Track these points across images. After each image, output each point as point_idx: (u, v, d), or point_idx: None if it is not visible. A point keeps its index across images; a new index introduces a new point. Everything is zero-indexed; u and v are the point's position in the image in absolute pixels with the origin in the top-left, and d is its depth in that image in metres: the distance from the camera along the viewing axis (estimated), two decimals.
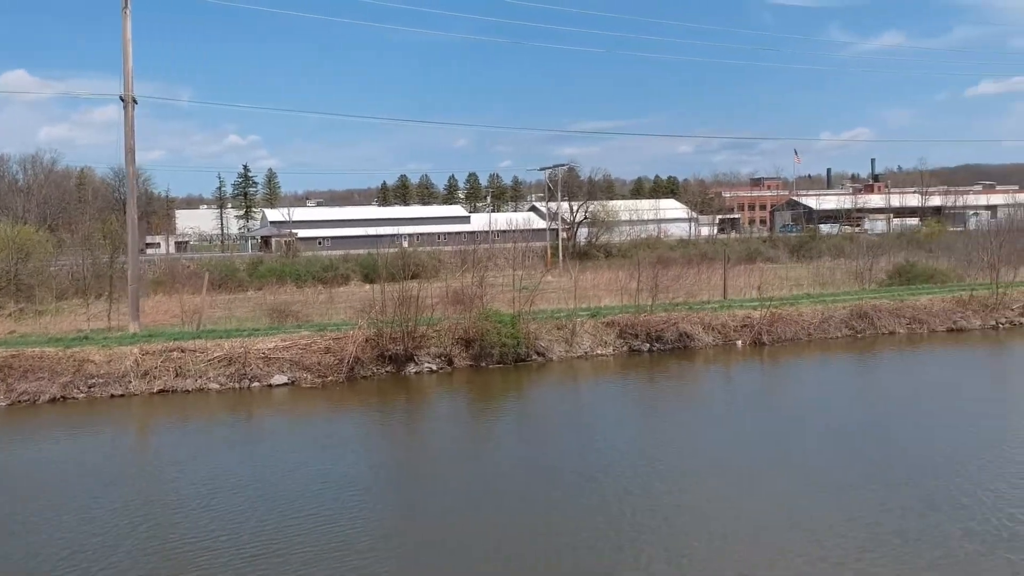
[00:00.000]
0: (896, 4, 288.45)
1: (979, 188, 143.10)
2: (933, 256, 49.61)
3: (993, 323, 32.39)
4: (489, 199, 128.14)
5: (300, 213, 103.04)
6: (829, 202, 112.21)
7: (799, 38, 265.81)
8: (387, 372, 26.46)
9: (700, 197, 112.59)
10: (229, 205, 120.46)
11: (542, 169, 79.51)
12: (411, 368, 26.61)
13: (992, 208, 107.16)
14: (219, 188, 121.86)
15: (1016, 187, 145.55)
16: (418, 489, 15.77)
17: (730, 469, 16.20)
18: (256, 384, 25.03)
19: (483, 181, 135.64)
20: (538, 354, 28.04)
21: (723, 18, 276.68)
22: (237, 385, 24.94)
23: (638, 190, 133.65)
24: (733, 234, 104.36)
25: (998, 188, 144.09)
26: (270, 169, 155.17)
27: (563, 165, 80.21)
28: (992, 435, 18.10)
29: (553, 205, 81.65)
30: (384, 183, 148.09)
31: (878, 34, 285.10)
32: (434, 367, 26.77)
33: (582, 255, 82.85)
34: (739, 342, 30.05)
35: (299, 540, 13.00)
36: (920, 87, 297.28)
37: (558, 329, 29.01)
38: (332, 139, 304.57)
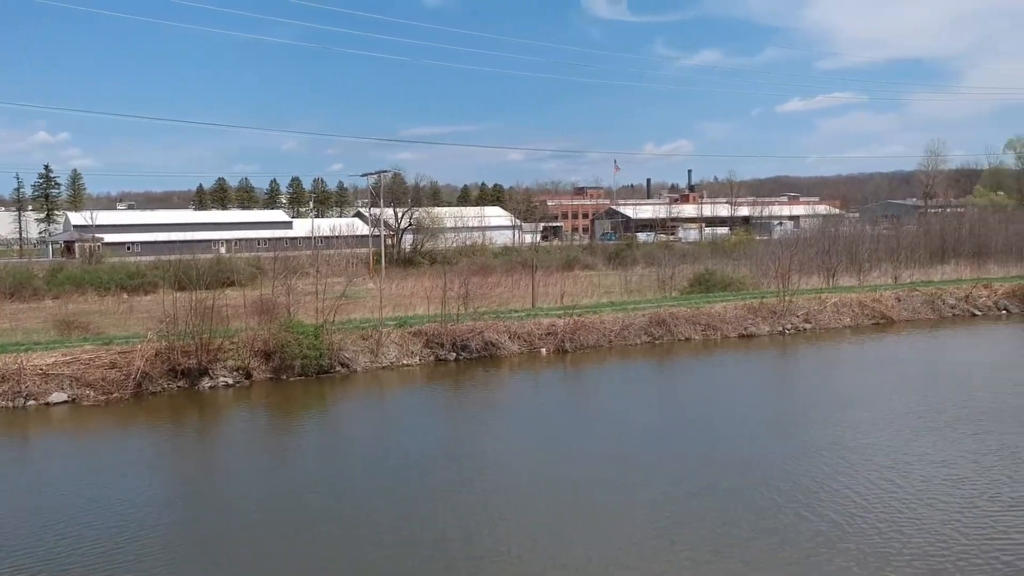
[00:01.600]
0: (714, 24, 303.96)
1: (784, 199, 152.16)
2: (739, 264, 52.28)
3: (780, 329, 34.39)
4: (312, 204, 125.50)
5: (107, 217, 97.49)
6: (646, 211, 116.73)
7: (628, 55, 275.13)
8: (179, 387, 25.31)
9: (524, 205, 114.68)
10: (30, 207, 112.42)
11: (364, 175, 78.54)
12: (206, 383, 25.55)
13: (795, 219, 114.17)
14: (17, 189, 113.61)
15: (817, 199, 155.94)
16: (212, 509, 15.14)
17: (532, 474, 16.49)
18: (32, 402, 23.37)
19: (310, 185, 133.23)
20: (342, 365, 27.56)
21: (554, 32, 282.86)
22: (11, 404, 23.21)
23: (464, 197, 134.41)
24: (556, 242, 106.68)
25: (801, 200, 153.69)
26: (75, 169, 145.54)
27: (387, 171, 79.55)
28: (782, 436, 19.20)
29: (377, 211, 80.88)
30: (200, 186, 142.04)
31: (698, 51, 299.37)
32: (230, 381, 25.82)
33: (407, 262, 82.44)
34: (543, 350, 30.61)
35: (88, 568, 12.25)
36: (736, 103, 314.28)
37: (363, 339, 28.63)
38: (157, 139, 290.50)
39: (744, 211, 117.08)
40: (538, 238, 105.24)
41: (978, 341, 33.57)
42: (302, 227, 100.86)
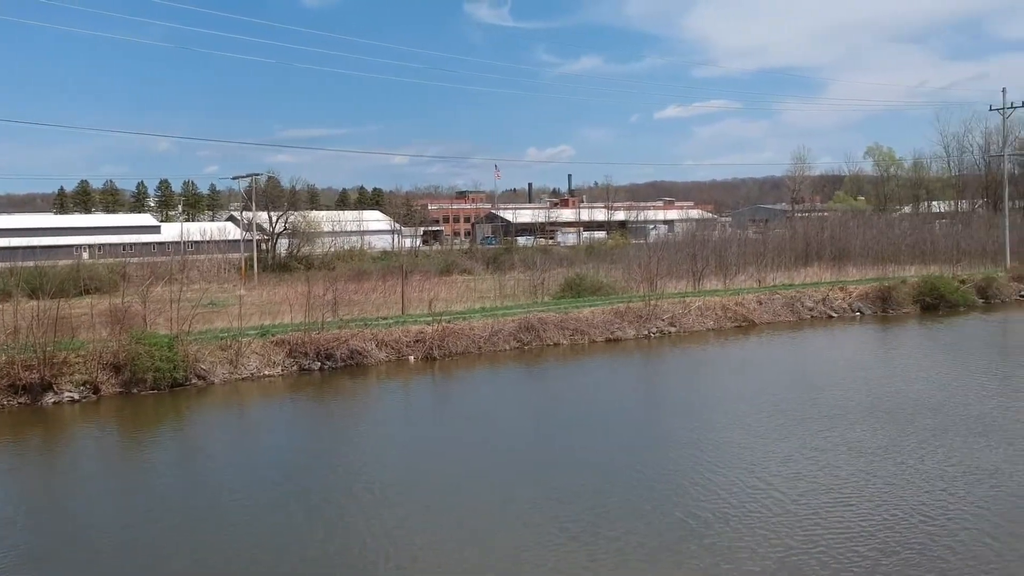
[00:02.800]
0: (594, 31, 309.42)
1: (660, 204, 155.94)
2: (614, 268, 53.08)
3: (646, 332, 35.00)
4: (181, 208, 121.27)
5: None
6: (525, 216, 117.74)
7: (511, 61, 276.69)
8: (20, 404, 23.88)
9: (404, 209, 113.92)
10: None
11: (235, 178, 76.37)
12: (49, 398, 24.17)
13: (669, 223, 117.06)
14: None
15: (692, 203, 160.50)
16: (55, 535, 14.17)
17: (403, 483, 16.18)
18: None
19: (180, 188, 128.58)
20: (199, 377, 26.54)
21: (437, 36, 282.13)
22: None
23: (343, 201, 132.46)
24: (436, 246, 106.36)
25: (676, 204, 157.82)
26: None
27: (259, 174, 77.54)
28: (647, 436, 19.44)
29: (249, 215, 78.73)
30: (62, 188, 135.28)
31: (579, 57, 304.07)
32: (76, 396, 24.49)
33: (282, 267, 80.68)
34: (411, 357, 30.26)
35: None
36: (616, 109, 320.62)
37: (222, 350, 27.66)
38: (20, 139, 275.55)
39: (621, 215, 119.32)
40: (419, 242, 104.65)
41: (831, 342, 34.99)
42: (171, 232, 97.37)
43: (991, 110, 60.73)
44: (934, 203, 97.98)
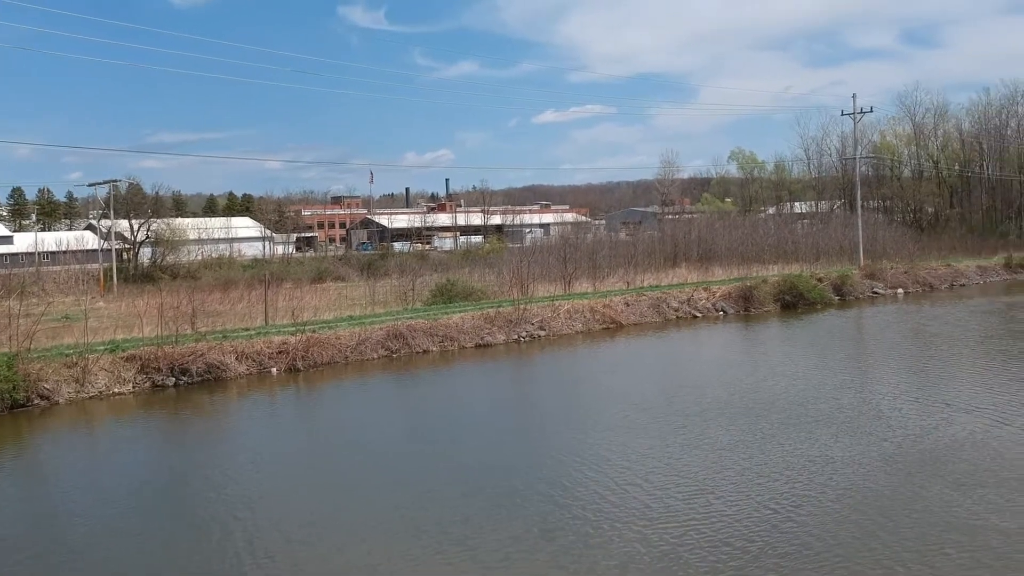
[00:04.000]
0: (471, 36, 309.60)
1: (537, 207, 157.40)
2: (489, 272, 53.04)
3: (516, 337, 35.01)
4: (36, 217, 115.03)
5: None
6: (401, 221, 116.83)
7: (387, 65, 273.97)
8: None
9: (276, 215, 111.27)
10: None
11: (92, 185, 72.82)
12: None
13: (545, 226, 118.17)
14: None
15: (567, 207, 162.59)
16: None
17: (271, 499, 15.48)
18: None
19: (34, 196, 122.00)
20: (42, 397, 24.96)
21: (313, 39, 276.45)
22: None
23: (211, 208, 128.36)
24: (310, 253, 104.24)
25: (553, 208, 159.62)
26: None
27: (118, 180, 74.20)
28: (518, 441, 19.25)
29: (108, 223, 75.19)
30: None
31: (456, 62, 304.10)
32: None
33: (145, 277, 77.49)
34: (274, 369, 29.34)
35: None
36: (494, 113, 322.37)
37: (67, 367, 26.12)
38: None
39: (498, 219, 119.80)
40: (291, 249, 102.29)
41: (693, 342, 35.89)
42: (24, 242, 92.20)
43: (843, 115, 63.68)
44: (796, 204, 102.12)
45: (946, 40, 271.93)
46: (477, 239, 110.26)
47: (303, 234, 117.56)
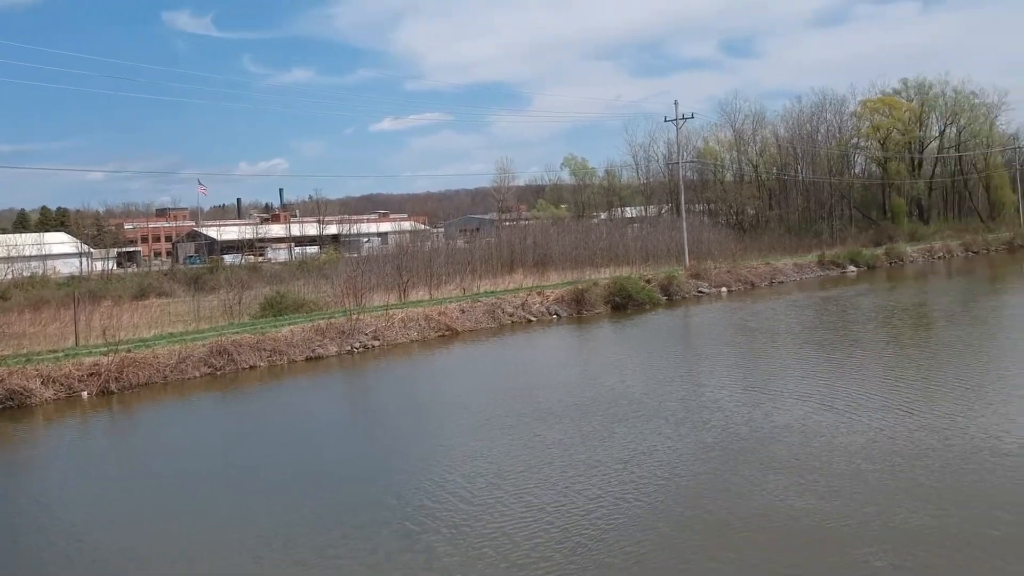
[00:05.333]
0: (304, 43, 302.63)
1: (375, 216, 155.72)
2: (325, 283, 51.65)
3: (349, 348, 34.15)
4: None
5: None
6: (232, 232, 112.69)
7: (217, 72, 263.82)
8: None
9: (95, 229, 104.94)
10: None
11: None
12: None
13: (383, 235, 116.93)
14: None
15: (406, 215, 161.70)
16: None
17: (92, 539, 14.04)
18: None
19: None
20: None
21: (137, 46, 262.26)
22: None
23: (22, 223, 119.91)
24: (133, 268, 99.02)
25: (391, 216, 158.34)
26: None
27: None
28: (349, 452, 18.50)
29: None
30: None
31: (290, 69, 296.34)
32: None
33: None
34: (85, 393, 27.39)
35: None
36: (330, 121, 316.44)
37: None
38: None
39: (334, 229, 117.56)
40: (112, 265, 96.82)
41: (527, 345, 36.14)
42: None
43: (666, 121, 65.92)
44: (627, 209, 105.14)
45: (762, 51, 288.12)
46: (313, 250, 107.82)
47: (124, 249, 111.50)
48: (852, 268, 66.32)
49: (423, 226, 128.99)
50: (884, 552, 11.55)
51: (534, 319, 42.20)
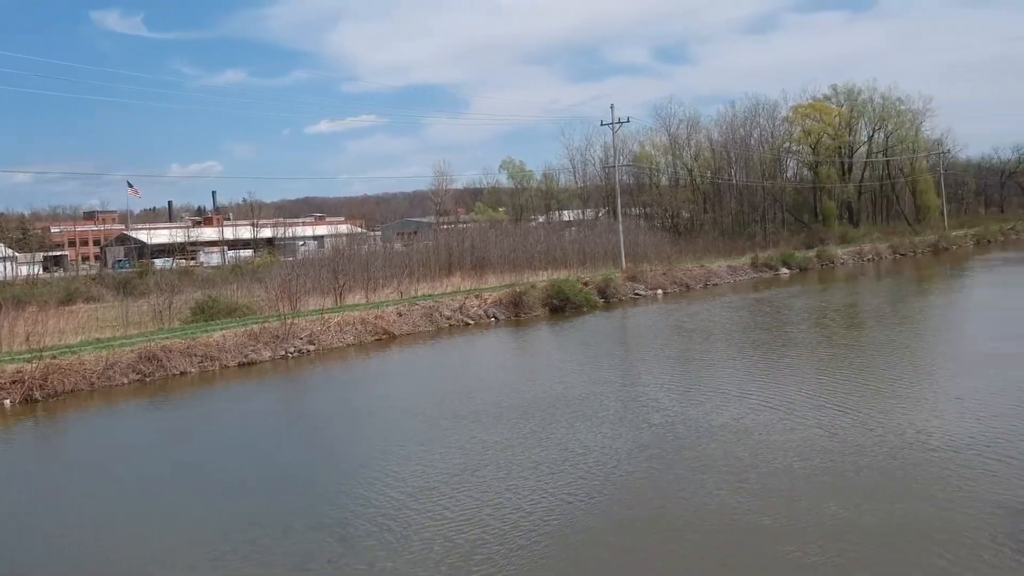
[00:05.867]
0: (237, 44, 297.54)
1: (311, 219, 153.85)
2: (259, 287, 50.80)
3: (283, 353, 33.63)
4: None
5: None
6: (162, 236, 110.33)
7: (147, 72, 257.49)
8: None
9: (20, 233, 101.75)
10: None
11: None
12: None
13: (319, 238, 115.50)
14: None
15: (343, 218, 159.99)
16: None
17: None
18: None
19: None
20: None
21: (64, 46, 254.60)
22: None
23: None
24: (60, 273, 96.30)
25: (328, 219, 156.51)
26: None
27: None
28: (283, 458, 18.14)
29: None
30: None
31: (222, 71, 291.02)
32: None
33: None
34: (7, 401, 26.49)
35: None
36: (265, 123, 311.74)
37: None
38: None
39: (268, 232, 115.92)
40: (38, 270, 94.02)
41: (465, 348, 36.07)
42: None
43: (602, 125, 66.45)
44: (564, 212, 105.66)
45: (695, 57, 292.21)
46: (247, 253, 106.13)
47: (51, 253, 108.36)
48: (785, 270, 67.56)
49: (360, 229, 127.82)
50: (814, 547, 11.75)
51: (472, 322, 42.07)
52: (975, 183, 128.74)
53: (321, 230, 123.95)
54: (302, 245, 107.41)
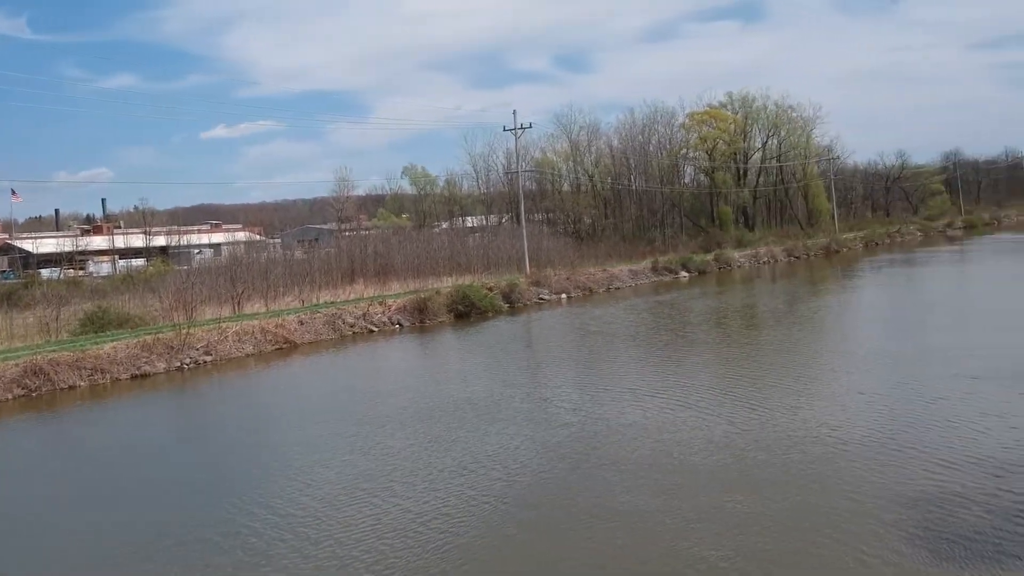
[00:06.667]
0: (129, 47, 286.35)
1: (207, 227, 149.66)
2: (153, 296, 48.98)
3: (179, 364, 32.48)
4: None
5: None
6: (49, 245, 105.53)
7: (33, 75, 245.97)
8: None
9: None
10: None
11: None
12: None
13: (216, 246, 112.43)
14: None
15: (240, 225, 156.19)
16: None
17: None
18: None
19: None
20: None
21: None
22: None
23: None
24: None
25: (225, 227, 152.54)
26: None
27: None
28: (198, 470, 17.36)
29: None
30: None
31: (113, 74, 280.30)
32: None
33: None
34: None
35: None
36: (159, 128, 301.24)
37: None
38: None
39: (163, 240, 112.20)
40: None
41: (369, 356, 35.56)
42: None
43: (504, 130, 66.55)
44: (468, 218, 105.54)
45: (596, 65, 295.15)
46: (139, 262, 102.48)
47: None
48: (684, 273, 68.91)
49: (259, 237, 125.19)
50: (717, 541, 11.85)
51: (376, 329, 41.49)
52: (862, 188, 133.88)
53: (218, 238, 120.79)
54: (198, 253, 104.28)
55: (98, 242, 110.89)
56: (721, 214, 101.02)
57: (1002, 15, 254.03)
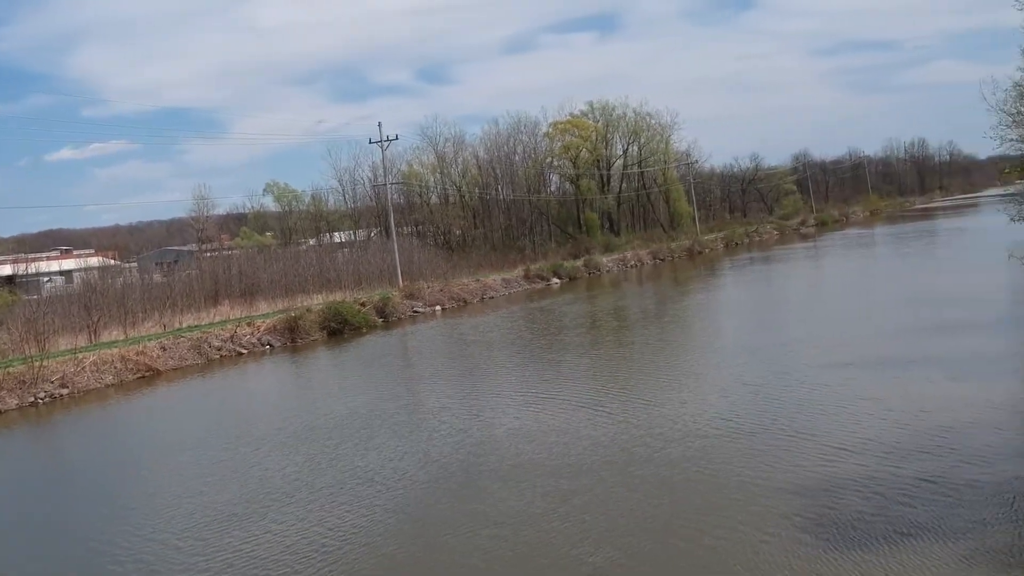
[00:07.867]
0: None
1: (55, 253, 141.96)
2: (3, 328, 45.81)
3: (32, 399, 30.41)
4: None
5: None
6: None
7: None
8: None
9: None
10: None
11: None
12: None
13: (67, 273, 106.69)
14: None
15: (92, 251, 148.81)
16: None
17: None
18: None
19: None
20: None
21: None
22: None
23: None
24: None
25: (75, 253, 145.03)
26: None
27: None
28: (60, 511, 16.04)
29: None
30: None
31: None
32: None
33: None
34: None
35: None
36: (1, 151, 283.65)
37: None
38: None
39: (8, 269, 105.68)
40: None
41: (238, 380, 34.31)
42: None
43: (371, 143, 65.68)
44: (336, 234, 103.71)
45: (458, 77, 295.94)
46: None
47: None
48: (555, 280, 69.60)
49: (113, 261, 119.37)
50: (606, 545, 11.74)
51: (245, 351, 40.02)
52: (720, 190, 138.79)
53: (68, 264, 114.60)
54: (47, 281, 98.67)
55: None
56: (587, 220, 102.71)
57: (838, 26, 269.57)
